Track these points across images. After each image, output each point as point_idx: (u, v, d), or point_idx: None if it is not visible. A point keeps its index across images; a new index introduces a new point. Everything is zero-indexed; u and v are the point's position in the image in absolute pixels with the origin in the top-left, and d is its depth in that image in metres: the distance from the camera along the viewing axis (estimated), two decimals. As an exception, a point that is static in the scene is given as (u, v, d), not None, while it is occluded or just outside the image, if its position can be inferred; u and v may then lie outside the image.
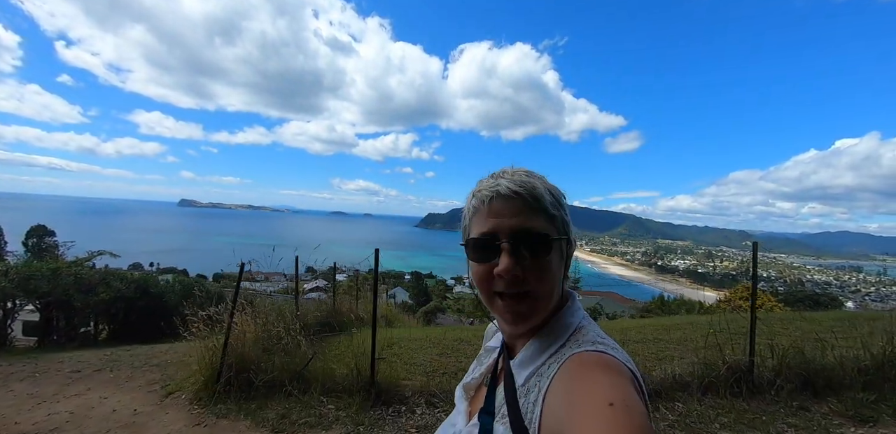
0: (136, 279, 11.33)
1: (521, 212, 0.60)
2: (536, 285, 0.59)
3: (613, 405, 0.43)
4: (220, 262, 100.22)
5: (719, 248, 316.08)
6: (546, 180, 0.66)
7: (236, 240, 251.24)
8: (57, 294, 9.57)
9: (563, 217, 0.64)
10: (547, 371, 0.56)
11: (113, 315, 10.50)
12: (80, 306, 9.82)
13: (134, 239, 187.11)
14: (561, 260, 0.63)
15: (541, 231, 0.60)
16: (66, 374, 5.26)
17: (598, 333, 0.60)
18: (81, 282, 10.21)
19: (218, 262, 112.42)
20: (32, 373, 5.35)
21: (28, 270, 9.21)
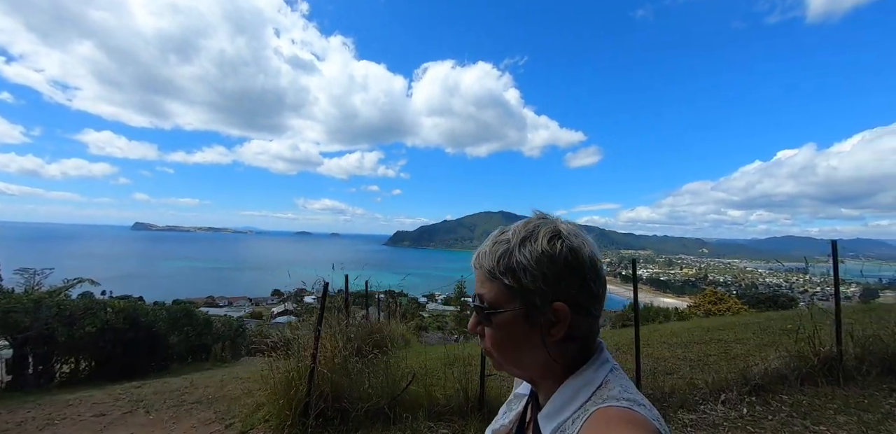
0: (123, 308, 10.37)
1: (479, 279, 0.64)
2: (490, 345, 0.64)
3: None
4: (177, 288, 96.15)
5: (678, 256, 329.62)
6: (528, 242, 0.63)
7: (195, 264, 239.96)
8: (38, 328, 8.61)
9: (525, 286, 0.63)
10: (571, 427, 0.57)
11: (100, 348, 9.52)
12: (65, 340, 8.84)
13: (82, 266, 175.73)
14: (527, 327, 0.63)
15: (487, 300, 0.62)
16: (91, 419, 4.62)
17: (626, 388, 0.60)
18: (64, 313, 9.25)
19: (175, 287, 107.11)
20: (48, 420, 4.67)
21: (7, 303, 8.24)
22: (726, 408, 3.67)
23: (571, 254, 0.63)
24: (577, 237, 0.63)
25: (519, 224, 0.66)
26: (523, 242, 0.63)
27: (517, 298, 0.62)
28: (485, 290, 0.63)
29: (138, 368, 10.52)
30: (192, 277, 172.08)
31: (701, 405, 3.74)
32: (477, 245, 0.67)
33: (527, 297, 0.63)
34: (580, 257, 0.63)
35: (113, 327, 9.67)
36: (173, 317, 12.24)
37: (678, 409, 3.69)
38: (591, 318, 0.63)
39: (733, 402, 3.74)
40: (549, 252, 0.63)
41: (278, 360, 4.01)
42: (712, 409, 3.65)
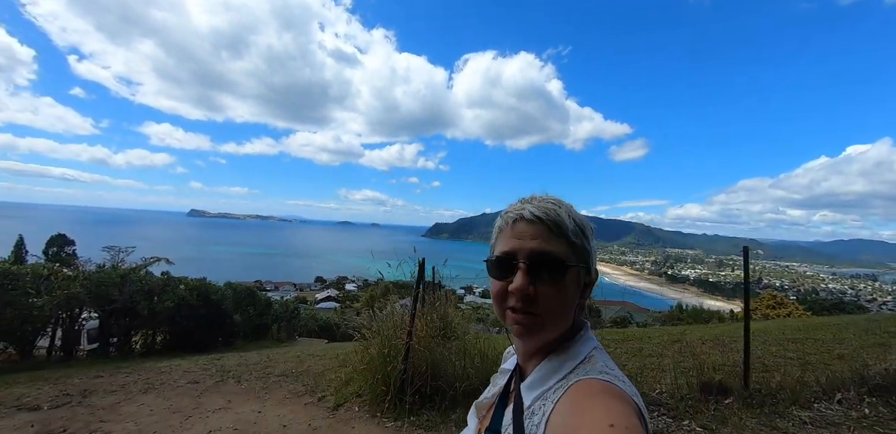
0: (196, 285, 11.00)
1: (541, 235, 0.63)
2: (546, 305, 0.62)
3: (613, 427, 0.46)
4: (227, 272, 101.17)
5: (730, 257, 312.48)
6: (573, 209, 0.67)
7: (244, 249, 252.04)
8: (123, 301, 9.25)
9: (585, 246, 0.66)
10: (552, 395, 0.57)
11: (176, 323, 10.13)
12: (147, 313, 9.47)
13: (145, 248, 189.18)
14: (577, 288, 0.65)
15: (558, 255, 0.62)
16: (186, 386, 4.88)
17: (608, 364, 0.61)
18: (144, 289, 9.89)
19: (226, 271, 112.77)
20: (148, 384, 4.98)
21: (99, 277, 8.89)
22: (844, 407, 3.47)
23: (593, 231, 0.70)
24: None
25: (543, 196, 0.70)
26: (572, 209, 0.67)
27: (579, 258, 0.64)
28: (552, 246, 0.63)
29: (208, 343, 11.13)
30: (240, 262, 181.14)
31: (814, 403, 3.55)
32: None
33: (586, 257, 0.65)
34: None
35: (188, 303, 10.27)
36: (238, 296, 12.86)
37: (790, 405, 3.53)
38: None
39: (851, 402, 3.52)
40: (590, 223, 0.68)
41: (373, 337, 4.02)
42: (828, 408, 3.46)
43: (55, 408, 4.25)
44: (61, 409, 4.19)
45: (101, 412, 4.04)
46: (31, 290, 7.43)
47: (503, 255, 0.65)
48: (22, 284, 7.41)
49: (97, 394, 4.62)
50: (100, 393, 4.65)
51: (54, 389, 4.90)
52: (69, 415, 4.00)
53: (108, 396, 4.52)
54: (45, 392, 4.80)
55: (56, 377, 5.66)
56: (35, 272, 7.91)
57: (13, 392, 4.87)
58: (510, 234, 0.66)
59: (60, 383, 5.20)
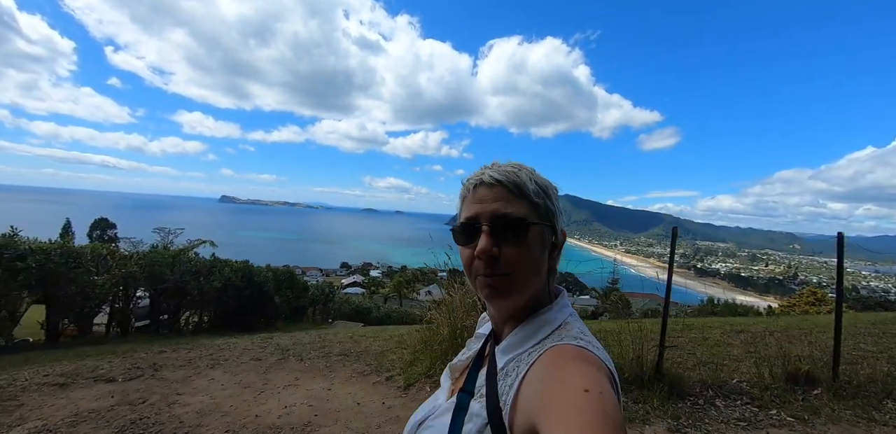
0: (240, 267, 11.27)
1: (501, 198, 0.64)
2: (513, 265, 0.62)
3: (588, 391, 0.45)
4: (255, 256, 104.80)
5: (764, 251, 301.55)
6: (535, 172, 0.68)
7: (272, 234, 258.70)
8: (174, 280, 9.56)
9: (548, 206, 0.66)
10: (527, 358, 0.59)
11: (223, 303, 10.43)
12: (198, 293, 9.78)
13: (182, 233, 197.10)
14: (543, 247, 0.65)
15: (518, 215, 0.63)
16: (249, 362, 4.99)
17: (583, 331, 0.62)
18: (192, 269, 10.19)
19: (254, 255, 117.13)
20: (213, 360, 5.11)
21: (153, 257, 9.20)
22: (946, 402, 3.29)
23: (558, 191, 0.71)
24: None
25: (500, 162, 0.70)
26: (534, 172, 0.68)
27: (542, 218, 0.65)
28: (512, 207, 0.63)
29: (251, 324, 11.44)
30: (270, 247, 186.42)
31: (908, 396, 3.39)
32: None
33: (549, 218, 0.65)
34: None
35: (234, 284, 10.54)
36: (279, 279, 13.14)
37: (883, 398, 3.40)
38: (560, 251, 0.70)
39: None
40: (553, 184, 0.69)
41: (443, 319, 3.97)
42: (925, 402, 3.30)
43: (129, 380, 4.40)
44: (136, 382, 4.33)
45: (175, 385, 4.16)
46: (92, 268, 7.74)
47: (466, 221, 0.66)
48: (84, 262, 7.72)
49: (167, 368, 4.76)
50: (169, 367, 4.79)
51: (124, 363, 5.08)
52: (144, 387, 4.13)
53: (178, 370, 4.65)
54: (115, 365, 4.98)
55: (122, 351, 5.88)
56: (95, 251, 8.23)
57: (86, 364, 5.09)
58: (472, 200, 0.67)
59: (128, 357, 5.40)
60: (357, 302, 21.95)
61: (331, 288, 18.60)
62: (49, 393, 4.13)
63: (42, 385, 4.34)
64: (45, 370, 4.92)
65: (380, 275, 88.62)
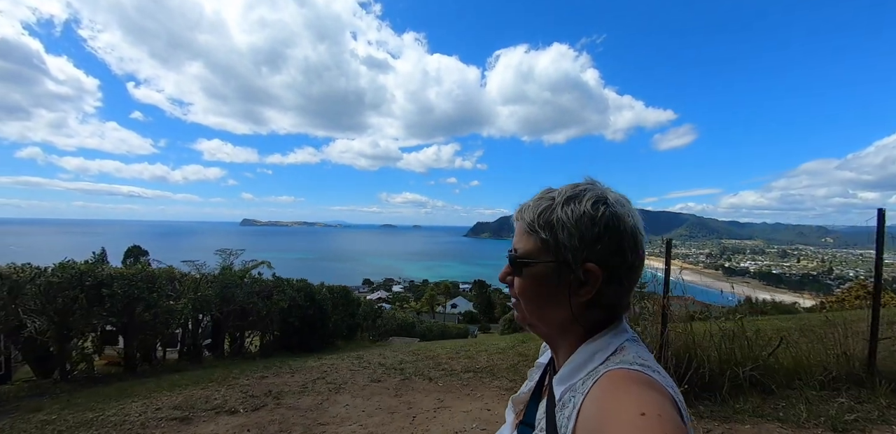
0: (301, 286, 10.99)
1: (518, 231, 0.68)
2: (518, 294, 0.66)
3: (645, 415, 0.43)
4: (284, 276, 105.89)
5: (794, 247, 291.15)
6: (571, 203, 0.64)
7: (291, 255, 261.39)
8: (242, 301, 9.29)
9: (560, 241, 0.62)
10: (582, 387, 0.57)
11: (288, 323, 10.11)
12: (265, 314, 9.48)
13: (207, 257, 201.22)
14: (553, 283, 0.63)
15: (520, 252, 0.66)
16: (373, 385, 4.57)
17: (641, 355, 0.59)
18: (257, 289, 9.94)
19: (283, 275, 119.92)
20: (330, 384, 4.71)
21: (224, 278, 8.96)
22: None
23: (613, 219, 0.62)
24: (623, 206, 0.64)
25: (568, 185, 0.68)
26: (567, 201, 0.64)
27: (551, 253, 0.63)
28: (521, 243, 0.66)
29: (311, 343, 11.08)
30: (290, 266, 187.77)
31: None
32: None
33: (560, 252, 0.63)
34: (622, 224, 0.62)
35: (297, 304, 10.23)
36: (335, 297, 12.81)
37: None
38: (621, 288, 0.64)
39: None
40: (590, 213, 0.63)
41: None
42: None
43: (254, 411, 4.03)
44: (263, 412, 3.96)
45: (311, 414, 3.77)
46: (170, 292, 7.51)
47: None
48: (159, 287, 7.49)
49: (286, 395, 4.38)
50: (288, 394, 4.41)
51: (233, 391, 4.73)
52: (278, 418, 3.75)
53: (301, 397, 4.26)
54: (225, 394, 4.63)
55: (219, 379, 5.53)
56: (168, 275, 8.01)
57: (193, 394, 4.75)
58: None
59: (232, 385, 5.04)
60: (401, 317, 21.54)
61: (379, 304, 18.22)
62: (174, 428, 3.79)
63: (160, 419, 4.00)
64: (151, 403, 4.60)
65: (402, 289, 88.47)
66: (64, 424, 4.16)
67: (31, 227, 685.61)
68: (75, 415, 4.43)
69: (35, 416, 4.66)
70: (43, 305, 6.60)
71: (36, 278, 6.29)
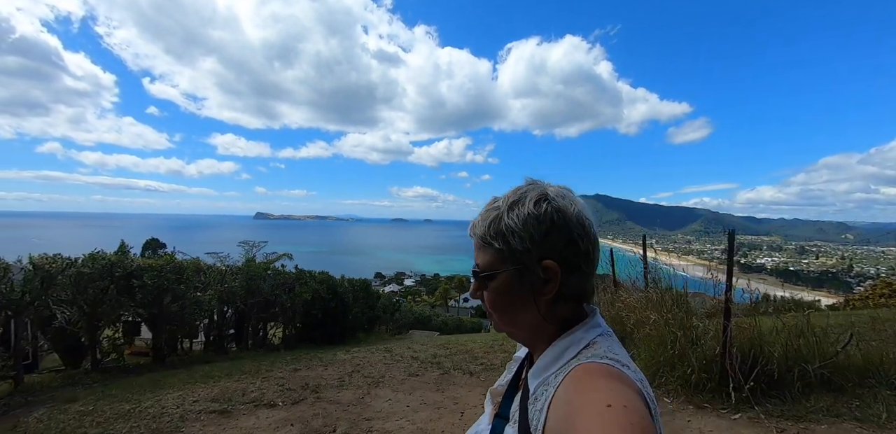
0: (324, 279, 10.93)
1: (476, 247, 0.70)
2: (490, 307, 0.68)
3: (612, 406, 0.44)
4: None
5: (813, 243, 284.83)
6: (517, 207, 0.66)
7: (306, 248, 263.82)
8: (267, 293, 9.24)
9: (514, 247, 0.64)
10: (553, 380, 0.59)
11: (311, 315, 10.07)
12: (288, 306, 9.44)
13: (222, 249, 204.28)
14: (519, 288, 0.65)
15: (481, 266, 0.67)
16: (411, 379, 4.46)
17: (611, 349, 0.61)
18: (280, 281, 9.89)
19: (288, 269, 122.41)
20: (367, 377, 4.61)
21: (250, 270, 8.92)
22: None
23: (557, 213, 0.64)
24: (565, 198, 0.66)
25: (510, 191, 0.70)
26: (511, 207, 0.66)
27: (508, 261, 0.65)
28: (480, 257, 0.68)
29: (332, 335, 11.04)
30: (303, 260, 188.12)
31: None
32: None
33: (517, 258, 0.65)
34: (566, 216, 0.64)
35: (320, 296, 10.17)
36: (356, 290, 12.74)
37: None
38: (582, 276, 0.66)
39: None
40: (535, 213, 0.64)
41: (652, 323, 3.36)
42: None
43: (294, 404, 3.94)
44: (303, 406, 3.86)
45: (353, 408, 3.66)
46: (198, 284, 7.47)
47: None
48: (187, 278, 7.46)
49: (325, 388, 4.28)
50: (326, 388, 4.31)
51: (268, 384, 4.65)
52: (320, 412, 3.65)
53: (340, 391, 4.16)
54: (262, 387, 4.55)
55: (251, 371, 5.47)
56: (194, 267, 7.98)
57: (229, 387, 4.68)
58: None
59: (267, 378, 4.96)
60: (418, 311, 21.51)
61: (397, 297, 18.18)
62: (213, 421, 3.71)
63: (199, 412, 3.93)
64: (187, 395, 4.54)
65: (414, 283, 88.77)
66: (101, 416, 4.11)
67: (51, 220, 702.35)
68: (112, 406, 4.40)
69: (71, 406, 4.63)
70: (74, 296, 6.61)
71: (67, 269, 6.27)
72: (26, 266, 6.06)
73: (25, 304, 5.91)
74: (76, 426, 3.90)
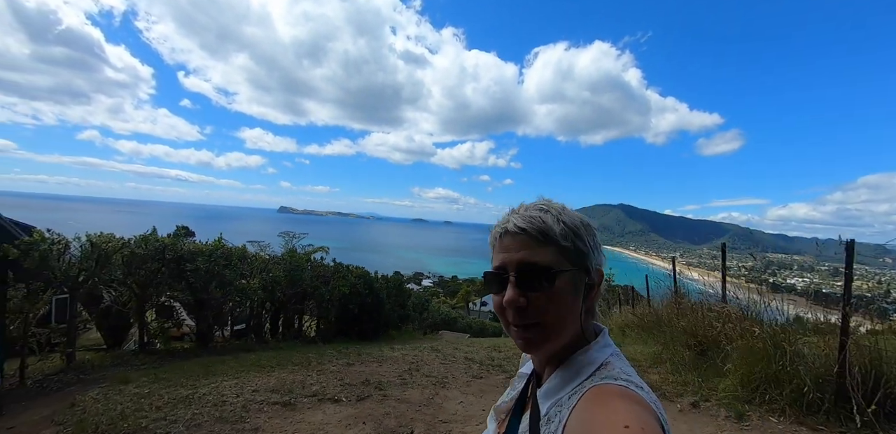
0: (361, 274, 10.80)
1: (526, 246, 0.63)
2: (542, 315, 0.61)
3: (629, 428, 0.43)
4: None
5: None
6: (565, 210, 0.66)
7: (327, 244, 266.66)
8: (307, 285, 9.16)
9: (580, 248, 0.64)
10: (567, 402, 0.57)
11: (348, 310, 9.94)
12: (328, 299, 9.34)
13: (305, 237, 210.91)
14: (575, 292, 0.63)
15: (544, 264, 0.61)
16: (476, 381, 4.26)
17: (625, 370, 0.60)
18: (321, 274, 9.81)
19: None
20: (430, 377, 4.40)
21: (293, 260, 8.85)
22: None
23: (590, 223, 0.66)
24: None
25: (532, 203, 0.69)
26: (562, 211, 0.65)
27: (572, 261, 0.62)
28: (537, 256, 0.61)
29: (366, 331, 10.89)
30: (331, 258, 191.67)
31: None
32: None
33: (582, 259, 0.63)
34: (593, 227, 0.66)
35: (357, 291, 10.04)
36: (389, 286, 12.60)
37: None
38: (599, 290, 0.66)
39: None
40: (585, 220, 0.66)
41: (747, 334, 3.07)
42: None
43: (360, 401, 3.75)
44: (369, 403, 3.67)
45: (426, 409, 3.45)
46: (244, 271, 7.42)
47: (494, 270, 0.65)
48: (234, 264, 7.41)
49: (388, 386, 4.09)
50: (390, 385, 4.12)
51: (327, 378, 4.49)
52: (391, 411, 3.44)
53: (406, 390, 3.96)
54: (320, 380, 4.40)
55: (303, 362, 5.34)
56: (240, 254, 7.94)
57: (286, 378, 4.53)
58: (499, 249, 0.66)
59: (322, 371, 4.81)
60: (445, 312, 21.30)
61: (427, 296, 18.03)
62: (278, 413, 3.54)
63: (261, 403, 3.78)
64: (243, 383, 4.41)
65: (431, 284, 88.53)
66: (160, 400, 4.01)
67: (87, 204, 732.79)
68: (168, 390, 4.30)
69: (125, 387, 4.57)
70: (124, 276, 6.63)
71: (122, 249, 6.28)
72: (85, 244, 6.08)
73: (81, 282, 5.94)
74: (135, 409, 3.80)
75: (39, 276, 5.54)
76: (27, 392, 4.91)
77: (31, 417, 4.03)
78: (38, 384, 5.17)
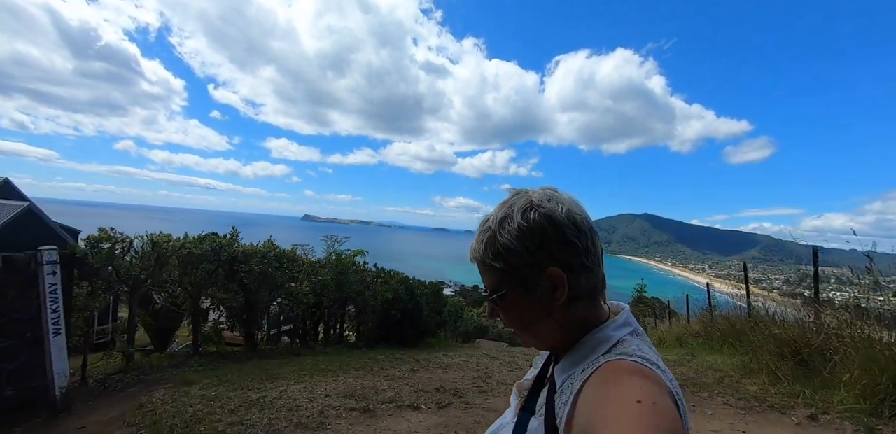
0: (403, 279, 10.66)
1: (480, 272, 0.69)
2: (509, 325, 0.67)
3: (641, 403, 0.43)
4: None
5: (891, 279, 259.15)
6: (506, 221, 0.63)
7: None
8: (353, 289, 9.05)
9: (512, 264, 0.62)
10: (581, 375, 0.58)
11: (390, 316, 9.78)
12: (371, 303, 9.20)
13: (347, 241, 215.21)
14: (531, 300, 0.63)
15: (488, 287, 0.66)
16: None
17: (641, 348, 0.59)
18: (364, 278, 9.70)
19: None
20: (504, 385, 4.16)
21: (341, 265, 8.77)
22: None
23: (547, 219, 0.62)
24: (551, 200, 0.64)
25: (497, 206, 0.68)
26: (501, 224, 0.64)
27: (513, 279, 0.63)
28: (486, 280, 0.67)
29: (405, 338, 10.69)
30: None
31: None
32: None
33: (519, 274, 0.63)
34: (556, 219, 0.62)
35: (399, 296, 9.88)
36: (427, 293, 12.42)
37: None
38: (589, 272, 0.63)
39: None
40: (524, 225, 0.63)
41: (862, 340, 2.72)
42: None
43: (440, 408, 3.53)
44: (453, 411, 3.45)
45: (520, 423, 3.18)
46: (296, 274, 7.36)
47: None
48: (286, 267, 7.35)
49: (466, 393, 3.86)
50: (467, 392, 3.89)
51: (398, 384, 4.29)
52: (481, 420, 3.22)
53: (488, 398, 3.74)
54: (392, 386, 4.21)
55: (364, 367, 5.16)
56: (290, 256, 7.89)
57: (355, 383, 4.35)
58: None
59: (390, 377, 4.63)
60: (477, 321, 20.98)
61: (461, 304, 17.77)
62: (359, 421, 3.35)
63: (338, 409, 3.60)
64: (312, 388, 4.26)
65: (453, 293, 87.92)
66: (230, 403, 3.88)
67: (122, 211, 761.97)
68: (236, 393, 4.18)
69: (190, 389, 4.47)
70: (180, 276, 6.62)
71: (181, 249, 6.28)
72: (146, 243, 6.11)
73: (142, 281, 5.94)
74: (207, 412, 3.68)
75: (98, 275, 5.56)
76: (90, 391, 4.86)
77: (100, 417, 3.95)
78: (99, 383, 5.13)
